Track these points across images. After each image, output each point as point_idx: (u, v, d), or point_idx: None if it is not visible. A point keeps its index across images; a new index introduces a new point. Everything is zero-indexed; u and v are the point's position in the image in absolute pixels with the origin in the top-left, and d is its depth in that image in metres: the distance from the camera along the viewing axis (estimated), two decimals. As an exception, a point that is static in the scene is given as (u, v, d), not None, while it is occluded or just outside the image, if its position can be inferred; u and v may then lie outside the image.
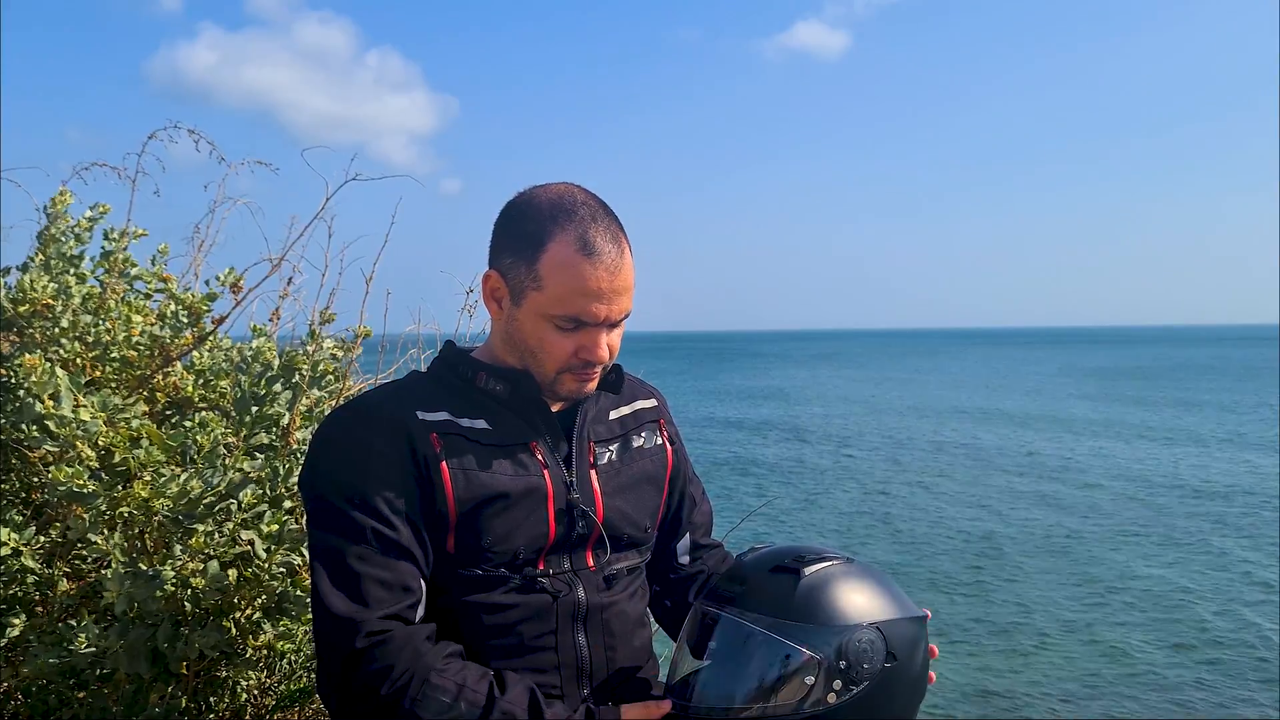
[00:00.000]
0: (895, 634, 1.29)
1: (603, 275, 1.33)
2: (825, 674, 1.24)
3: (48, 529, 2.12)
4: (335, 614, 1.24)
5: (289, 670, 2.47)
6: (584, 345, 1.35)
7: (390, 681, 1.21)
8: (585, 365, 1.37)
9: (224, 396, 2.23)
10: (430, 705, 1.21)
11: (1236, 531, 14.41)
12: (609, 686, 1.40)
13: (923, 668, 1.35)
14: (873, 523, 14.92)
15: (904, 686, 1.31)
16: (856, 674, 1.25)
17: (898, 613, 1.32)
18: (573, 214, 1.35)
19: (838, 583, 1.30)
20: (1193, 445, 23.68)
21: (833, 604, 1.28)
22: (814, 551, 1.35)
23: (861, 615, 1.28)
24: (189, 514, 1.81)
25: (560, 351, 1.36)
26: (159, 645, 1.86)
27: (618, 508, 1.43)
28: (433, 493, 1.30)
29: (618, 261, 1.34)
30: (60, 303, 2.05)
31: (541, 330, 1.36)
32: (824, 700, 1.24)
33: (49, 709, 2.07)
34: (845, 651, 1.25)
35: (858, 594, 1.30)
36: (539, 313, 1.35)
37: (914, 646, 1.33)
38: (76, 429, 1.79)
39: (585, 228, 1.34)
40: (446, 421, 1.35)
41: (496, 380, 1.40)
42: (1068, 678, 8.84)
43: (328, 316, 2.38)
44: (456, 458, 1.32)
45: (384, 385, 1.50)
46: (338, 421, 1.37)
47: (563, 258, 1.32)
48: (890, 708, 1.29)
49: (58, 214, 2.17)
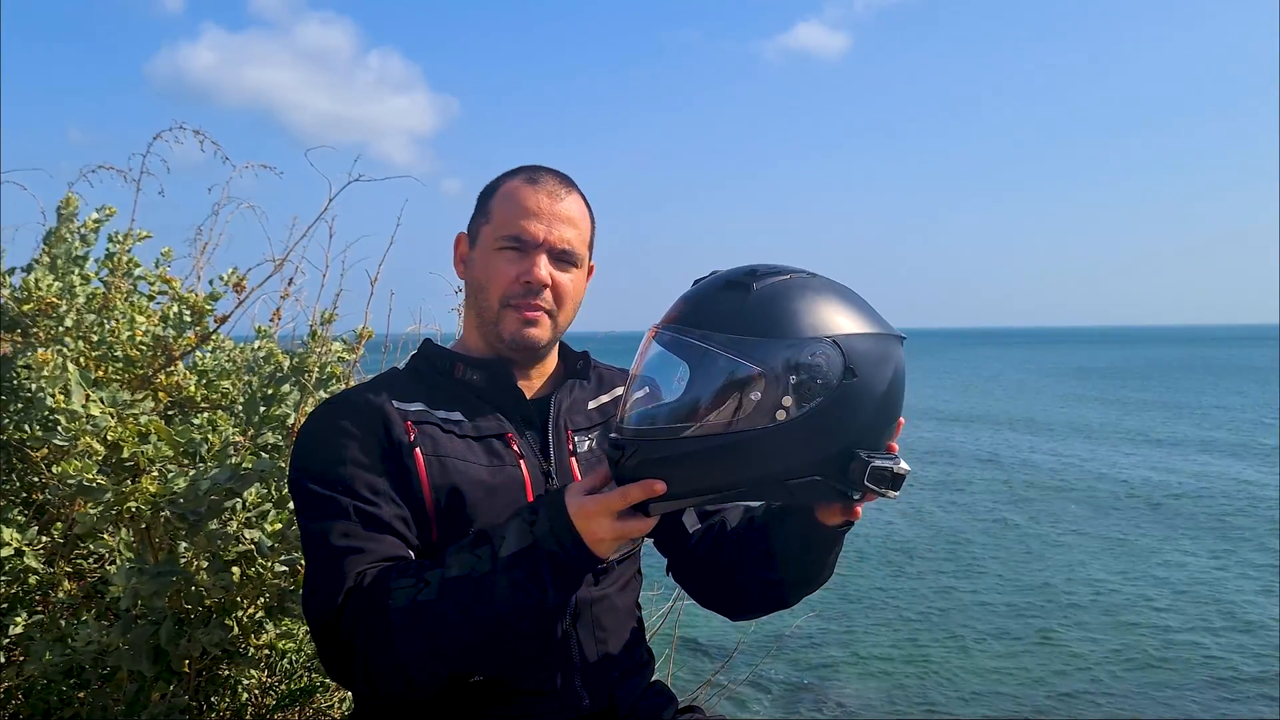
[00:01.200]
0: (855, 349, 1.16)
1: (543, 198, 1.43)
2: (773, 389, 1.13)
3: (50, 528, 2.12)
4: (317, 590, 1.25)
5: (290, 669, 2.48)
6: (524, 269, 1.41)
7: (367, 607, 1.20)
8: (525, 292, 1.42)
9: (226, 396, 2.24)
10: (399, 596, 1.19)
11: (1238, 530, 14.45)
12: (602, 679, 1.40)
13: (891, 389, 1.20)
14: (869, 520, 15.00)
15: (865, 405, 1.17)
16: (809, 390, 1.13)
17: (861, 328, 1.19)
18: (528, 167, 1.48)
19: (792, 295, 1.18)
20: (1196, 447, 23.73)
21: (784, 317, 1.16)
22: (772, 266, 1.23)
23: (817, 329, 1.16)
24: (195, 510, 1.82)
25: (504, 276, 1.42)
26: (162, 643, 1.87)
27: None
28: (408, 479, 1.32)
29: (559, 191, 1.44)
30: (65, 302, 2.06)
31: (489, 260, 1.43)
32: (773, 417, 1.13)
33: (50, 708, 2.07)
34: (796, 365, 1.13)
35: (814, 307, 1.18)
36: (488, 244, 1.44)
37: (879, 364, 1.19)
38: (86, 423, 1.80)
39: (535, 170, 1.47)
40: (422, 411, 1.38)
41: (473, 370, 1.45)
42: (1062, 678, 8.85)
43: (329, 317, 2.39)
44: (430, 446, 1.35)
45: (362, 382, 1.53)
46: (316, 416, 1.40)
47: (509, 189, 1.45)
48: (850, 428, 1.16)
49: (70, 215, 2.18)
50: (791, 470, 1.16)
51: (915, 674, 9.01)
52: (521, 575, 1.18)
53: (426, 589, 1.19)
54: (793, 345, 1.14)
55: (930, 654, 9.54)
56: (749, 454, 1.14)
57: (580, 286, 1.49)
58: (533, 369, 1.50)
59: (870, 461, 1.16)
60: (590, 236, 1.50)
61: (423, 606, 1.18)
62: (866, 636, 10.00)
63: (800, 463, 1.16)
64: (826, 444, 1.16)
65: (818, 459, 1.16)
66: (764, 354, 1.14)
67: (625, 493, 1.17)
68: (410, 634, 1.18)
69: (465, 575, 1.19)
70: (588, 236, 1.48)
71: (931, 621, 10.53)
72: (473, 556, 1.20)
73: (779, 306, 1.17)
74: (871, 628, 10.30)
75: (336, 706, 2.54)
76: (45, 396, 1.77)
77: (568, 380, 1.53)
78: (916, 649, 9.68)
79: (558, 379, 1.54)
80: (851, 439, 1.17)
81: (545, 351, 1.50)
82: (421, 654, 1.19)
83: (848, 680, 8.80)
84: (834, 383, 1.14)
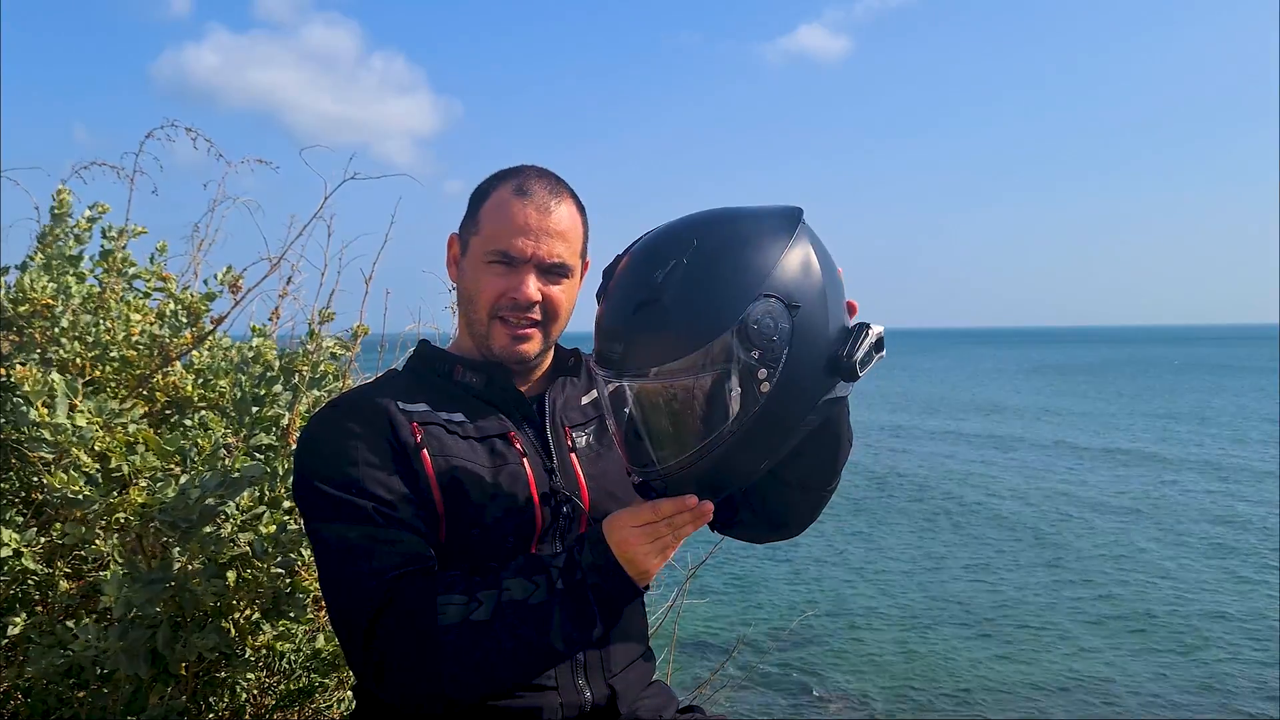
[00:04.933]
0: (779, 283, 1.16)
1: (531, 213, 1.40)
2: (743, 372, 1.14)
3: (48, 529, 2.11)
4: (342, 593, 1.24)
5: (288, 670, 2.47)
6: (512, 285, 1.40)
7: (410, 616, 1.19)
8: (514, 308, 1.41)
9: (223, 396, 2.23)
10: (450, 613, 1.19)
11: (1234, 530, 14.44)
12: (605, 674, 1.40)
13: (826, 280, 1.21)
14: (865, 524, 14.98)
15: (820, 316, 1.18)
16: (772, 350, 1.14)
17: (771, 261, 1.17)
18: (518, 172, 1.45)
19: (697, 283, 1.16)
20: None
21: (709, 306, 1.14)
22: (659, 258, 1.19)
23: (741, 299, 1.14)
24: (186, 519, 1.80)
25: (490, 291, 1.41)
26: (158, 647, 1.86)
27: (604, 489, 1.45)
28: (416, 480, 1.32)
29: (549, 203, 1.41)
30: (60, 302, 2.05)
31: (477, 272, 1.42)
32: (759, 392, 1.15)
33: (49, 709, 2.07)
34: (748, 341, 1.13)
35: (724, 281, 1.16)
36: (477, 256, 1.43)
37: (804, 275, 1.18)
38: (72, 435, 1.79)
39: (525, 178, 1.44)
40: (427, 412, 1.38)
41: (472, 372, 1.45)
42: (1056, 678, 8.85)
43: (327, 316, 2.38)
44: (437, 447, 1.35)
45: (362, 384, 1.53)
46: (320, 419, 1.40)
47: (499, 200, 1.42)
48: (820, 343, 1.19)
49: (62, 214, 2.17)
50: (802, 413, 1.20)
51: (916, 674, 9.01)
52: (574, 609, 1.20)
53: (479, 609, 1.19)
54: (735, 326, 1.14)
55: (931, 653, 9.53)
56: (761, 433, 1.18)
57: (572, 295, 1.48)
58: (526, 370, 1.51)
59: (853, 355, 1.20)
60: (583, 243, 1.49)
61: (477, 627, 1.18)
62: (867, 636, 10.00)
63: (803, 405, 1.20)
64: (812, 374, 1.19)
65: (813, 387, 1.20)
66: (718, 351, 1.14)
67: (656, 506, 1.20)
68: (460, 654, 1.18)
69: (523, 602, 1.20)
70: (579, 245, 1.47)
71: (932, 621, 10.52)
72: (530, 583, 1.21)
73: (696, 299, 1.15)
74: (872, 627, 10.30)
75: (336, 707, 2.53)
76: (29, 410, 1.75)
77: (559, 378, 1.53)
78: (917, 648, 9.68)
79: (549, 377, 1.54)
80: (827, 349, 1.20)
81: (538, 361, 1.50)
82: (468, 674, 1.19)
83: (848, 680, 8.80)
84: (786, 325, 1.16)
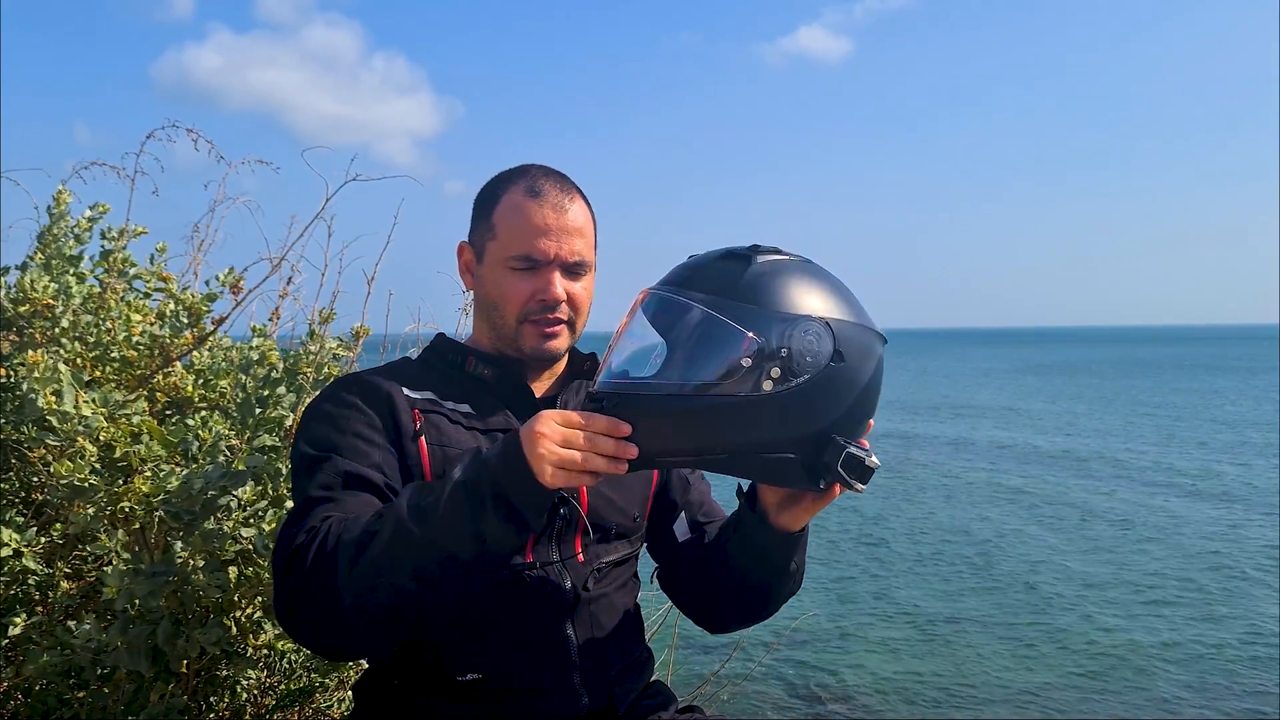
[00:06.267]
0: (845, 334, 1.18)
1: (548, 213, 1.41)
2: (763, 358, 1.13)
3: (48, 529, 2.12)
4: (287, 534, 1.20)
5: (289, 669, 2.47)
6: (539, 287, 1.41)
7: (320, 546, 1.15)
8: (543, 309, 1.42)
9: (224, 396, 2.24)
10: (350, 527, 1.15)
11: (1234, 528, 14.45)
12: (601, 677, 1.40)
13: (872, 382, 1.23)
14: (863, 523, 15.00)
15: (848, 392, 1.19)
16: (798, 365, 1.14)
17: (852, 317, 1.21)
18: (524, 172, 1.46)
19: (790, 275, 1.20)
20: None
21: (781, 291, 1.18)
22: (774, 248, 1.24)
23: (811, 308, 1.18)
24: (189, 510, 1.81)
25: (518, 295, 1.41)
26: (159, 643, 1.87)
27: (604, 495, 1.44)
28: (409, 466, 1.32)
29: (563, 202, 1.42)
30: (60, 303, 2.06)
31: (500, 278, 1.42)
32: (760, 387, 1.14)
33: (49, 708, 2.07)
34: (788, 339, 1.14)
35: (810, 288, 1.20)
36: (497, 262, 1.42)
37: (865, 354, 1.21)
38: (79, 424, 1.80)
39: (533, 178, 1.44)
40: (430, 401, 1.39)
41: (485, 365, 1.45)
42: (1055, 677, 8.85)
43: (328, 316, 2.38)
44: (435, 435, 1.35)
45: (373, 368, 1.53)
46: (325, 391, 1.41)
47: (512, 203, 1.42)
48: (830, 411, 1.18)
49: (61, 214, 2.18)
50: (768, 444, 1.17)
51: (917, 673, 9.01)
52: (464, 495, 1.12)
53: (380, 520, 1.15)
54: (787, 319, 1.15)
55: (932, 653, 9.53)
56: (730, 419, 1.14)
57: (592, 290, 1.50)
58: (544, 370, 1.52)
59: (846, 447, 1.17)
60: (595, 238, 1.50)
61: (370, 534, 1.13)
62: (867, 636, 10.00)
63: (778, 438, 1.17)
64: (806, 423, 1.17)
65: (796, 436, 1.17)
66: (757, 322, 1.14)
67: (589, 417, 1.13)
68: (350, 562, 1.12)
69: (415, 503, 1.14)
70: (593, 239, 1.48)
71: (933, 620, 10.53)
72: (433, 486, 1.17)
73: (777, 281, 1.18)
74: (872, 627, 10.30)
75: (336, 707, 2.53)
76: (36, 398, 1.77)
77: (574, 381, 1.54)
78: (918, 648, 9.68)
79: (564, 379, 1.54)
80: (830, 423, 1.18)
81: (563, 356, 1.52)
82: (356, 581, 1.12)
83: (848, 680, 8.80)
84: (822, 363, 1.16)
